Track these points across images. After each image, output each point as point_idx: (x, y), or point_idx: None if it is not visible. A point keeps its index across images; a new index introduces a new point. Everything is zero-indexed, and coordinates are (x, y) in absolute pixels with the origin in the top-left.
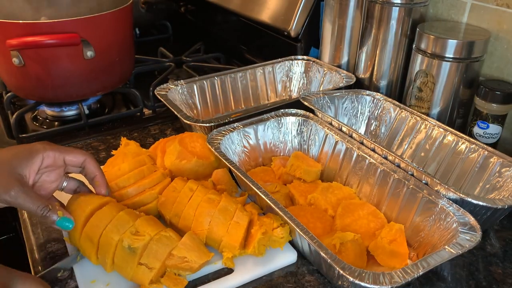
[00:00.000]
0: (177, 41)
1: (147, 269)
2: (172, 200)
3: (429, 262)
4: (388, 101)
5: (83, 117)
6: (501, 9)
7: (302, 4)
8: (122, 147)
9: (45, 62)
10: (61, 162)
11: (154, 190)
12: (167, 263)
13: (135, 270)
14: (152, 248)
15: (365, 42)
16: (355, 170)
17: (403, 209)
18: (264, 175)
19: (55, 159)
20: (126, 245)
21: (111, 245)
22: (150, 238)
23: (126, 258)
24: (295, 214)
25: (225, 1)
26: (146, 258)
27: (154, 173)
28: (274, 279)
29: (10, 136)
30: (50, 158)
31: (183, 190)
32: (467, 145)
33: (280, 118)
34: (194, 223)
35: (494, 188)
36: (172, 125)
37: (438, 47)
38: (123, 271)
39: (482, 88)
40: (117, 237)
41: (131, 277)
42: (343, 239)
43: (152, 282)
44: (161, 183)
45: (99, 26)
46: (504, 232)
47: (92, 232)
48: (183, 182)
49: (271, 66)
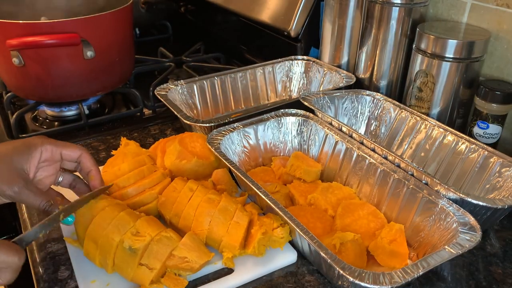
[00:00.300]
0: (177, 41)
1: (148, 269)
2: (172, 200)
3: (429, 262)
4: (388, 101)
5: (83, 117)
6: (501, 9)
7: (302, 4)
8: (122, 147)
9: (45, 62)
10: (58, 156)
11: (154, 190)
12: (167, 263)
13: (136, 271)
14: (153, 249)
15: (365, 42)
16: (355, 170)
17: (403, 209)
18: (264, 175)
19: (52, 153)
20: (127, 246)
21: (112, 246)
22: (151, 239)
23: (127, 259)
24: (295, 214)
25: (225, 1)
26: (147, 258)
27: (154, 173)
28: (274, 279)
29: (10, 136)
30: (47, 152)
31: (183, 190)
32: (467, 145)
33: (280, 118)
34: (194, 223)
35: (494, 188)
36: (172, 125)
37: (438, 47)
38: (123, 272)
39: (482, 88)
40: (118, 238)
41: (132, 277)
42: (343, 239)
43: (152, 283)
44: (161, 183)
45: (99, 26)
46: (504, 232)
47: (95, 233)
48: (183, 182)
49: (271, 66)
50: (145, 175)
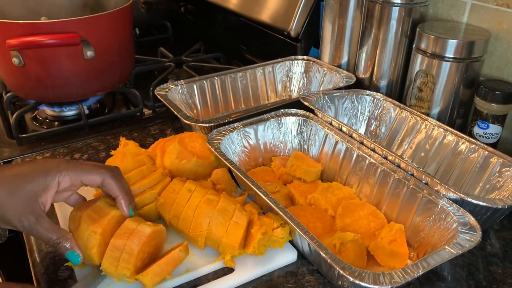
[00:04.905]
0: (177, 41)
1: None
2: (171, 201)
3: (429, 262)
4: (388, 101)
5: (83, 117)
6: (501, 9)
7: (302, 4)
8: (121, 147)
9: (45, 62)
10: (78, 183)
11: (154, 190)
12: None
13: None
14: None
15: (365, 42)
16: (355, 170)
17: (403, 209)
18: (264, 175)
19: (71, 181)
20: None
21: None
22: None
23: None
24: (295, 214)
25: (225, 1)
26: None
27: (154, 173)
28: (274, 279)
29: (10, 136)
30: (66, 182)
31: (181, 191)
32: (467, 145)
33: (280, 118)
34: (193, 224)
35: (494, 188)
36: (172, 125)
37: (438, 47)
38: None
39: (482, 88)
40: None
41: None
42: (343, 239)
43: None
44: (161, 182)
45: (99, 26)
46: (504, 232)
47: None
48: (181, 183)
49: (271, 66)
50: (144, 175)
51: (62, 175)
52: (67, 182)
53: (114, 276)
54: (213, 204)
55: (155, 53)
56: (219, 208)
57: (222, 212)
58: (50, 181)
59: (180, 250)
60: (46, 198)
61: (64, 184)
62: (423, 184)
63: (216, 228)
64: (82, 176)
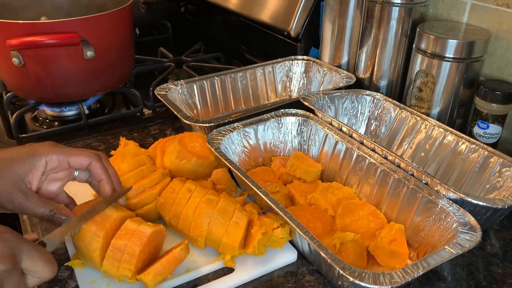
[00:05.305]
0: (177, 41)
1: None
2: (171, 201)
3: (429, 262)
4: (388, 101)
5: (83, 117)
6: (501, 9)
7: (302, 4)
8: (121, 147)
9: (45, 62)
10: (65, 165)
11: (154, 190)
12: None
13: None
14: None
15: (365, 42)
16: (355, 170)
17: (403, 209)
18: (264, 175)
19: (59, 162)
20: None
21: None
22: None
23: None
24: (295, 214)
25: (225, 1)
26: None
27: (154, 173)
28: (274, 279)
29: (10, 136)
30: (53, 162)
31: (181, 191)
32: (467, 145)
33: (280, 118)
34: (193, 224)
35: (494, 188)
36: (172, 125)
37: (438, 47)
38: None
39: (482, 88)
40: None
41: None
42: (343, 239)
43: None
44: (161, 183)
45: (99, 26)
46: (504, 232)
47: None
48: (181, 183)
49: (271, 66)
50: (144, 175)
51: (49, 156)
52: (54, 162)
53: (115, 277)
54: (213, 204)
55: (155, 53)
56: (219, 208)
57: (222, 212)
58: (36, 161)
59: (181, 249)
60: (32, 177)
61: (51, 164)
62: (423, 184)
63: (216, 228)
64: (69, 158)
